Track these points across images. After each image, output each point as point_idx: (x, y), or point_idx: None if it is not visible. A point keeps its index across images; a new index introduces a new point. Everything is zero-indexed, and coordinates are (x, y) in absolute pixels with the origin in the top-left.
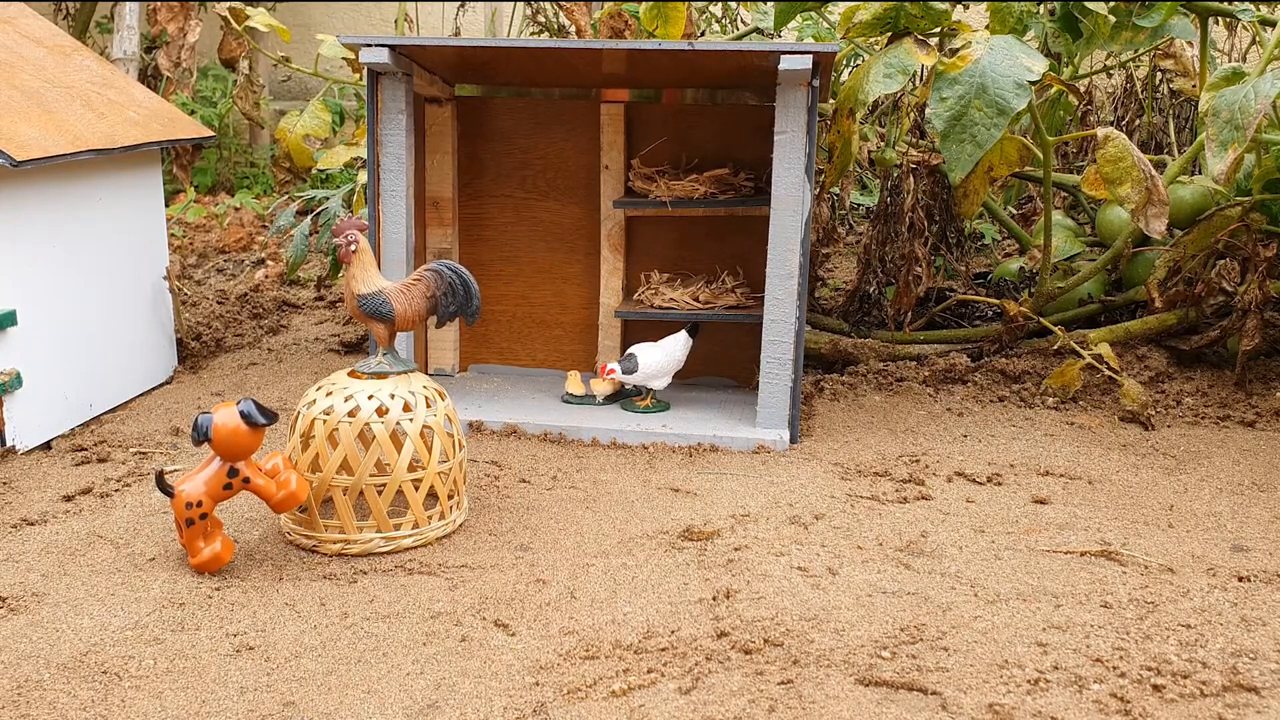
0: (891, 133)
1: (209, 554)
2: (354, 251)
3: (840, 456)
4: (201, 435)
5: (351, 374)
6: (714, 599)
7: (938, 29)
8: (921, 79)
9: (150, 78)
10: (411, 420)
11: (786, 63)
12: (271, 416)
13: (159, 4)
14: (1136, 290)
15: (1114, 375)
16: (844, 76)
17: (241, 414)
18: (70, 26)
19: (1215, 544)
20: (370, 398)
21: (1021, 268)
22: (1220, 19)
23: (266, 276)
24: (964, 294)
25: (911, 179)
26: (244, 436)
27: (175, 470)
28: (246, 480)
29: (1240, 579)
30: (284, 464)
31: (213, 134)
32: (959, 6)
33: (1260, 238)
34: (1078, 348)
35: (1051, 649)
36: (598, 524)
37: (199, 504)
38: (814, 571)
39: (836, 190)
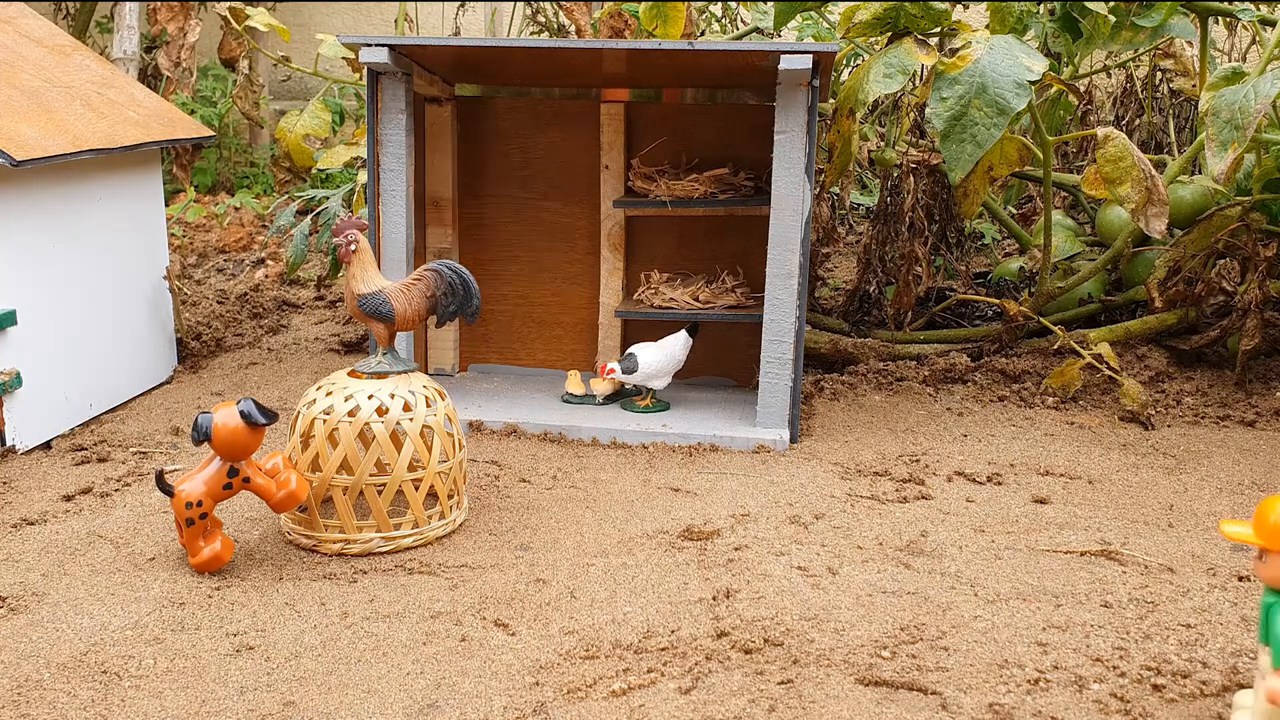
0: (891, 132)
1: (209, 554)
2: (354, 251)
3: (840, 456)
4: (202, 435)
5: (352, 374)
6: (714, 599)
7: (938, 29)
8: (921, 79)
9: (150, 77)
10: (411, 420)
11: (786, 62)
12: (271, 416)
13: (159, 4)
14: (1136, 290)
15: (1114, 375)
16: (844, 76)
17: (241, 414)
18: (70, 26)
19: (1215, 543)
20: (370, 397)
21: (1021, 267)
22: (1220, 19)
23: (266, 276)
24: (964, 294)
25: (911, 179)
26: (244, 436)
27: (175, 470)
28: (247, 480)
29: (1240, 579)
30: (284, 464)
31: (213, 134)
32: (959, 6)
33: (1260, 237)
34: (1078, 347)
35: (1051, 649)
36: (598, 524)
37: (199, 504)
38: (814, 571)
39: (836, 190)
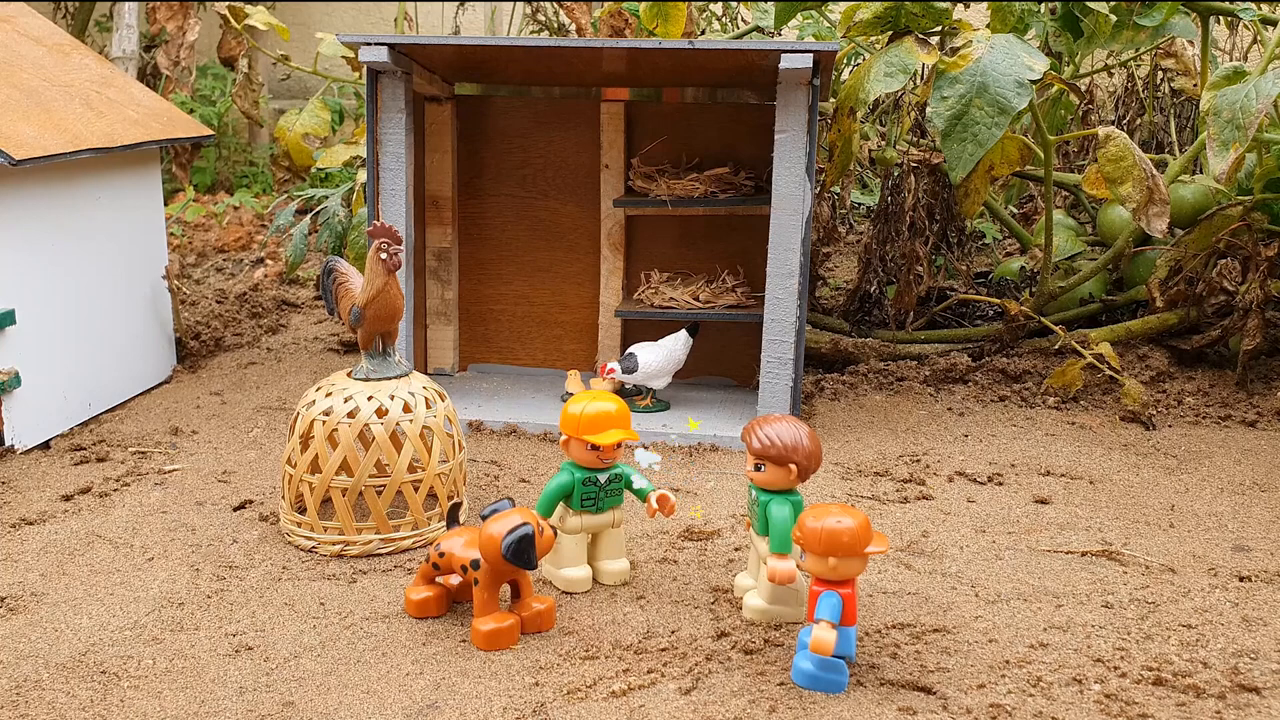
0: (892, 132)
1: (490, 628)
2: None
3: (841, 456)
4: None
5: (355, 376)
6: (714, 599)
7: (938, 28)
8: (922, 78)
9: (149, 76)
10: (411, 421)
11: (787, 61)
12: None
13: (158, 3)
14: (1137, 290)
15: (1115, 375)
16: (844, 75)
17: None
18: (69, 25)
19: (1216, 544)
20: (370, 398)
21: (1022, 267)
22: (1221, 18)
23: (265, 275)
24: (965, 293)
25: (912, 178)
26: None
27: (171, 471)
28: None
29: (1241, 579)
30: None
31: (212, 133)
32: (960, 5)
33: (1261, 237)
34: (1079, 347)
35: (1052, 649)
36: None
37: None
38: None
39: (837, 189)
